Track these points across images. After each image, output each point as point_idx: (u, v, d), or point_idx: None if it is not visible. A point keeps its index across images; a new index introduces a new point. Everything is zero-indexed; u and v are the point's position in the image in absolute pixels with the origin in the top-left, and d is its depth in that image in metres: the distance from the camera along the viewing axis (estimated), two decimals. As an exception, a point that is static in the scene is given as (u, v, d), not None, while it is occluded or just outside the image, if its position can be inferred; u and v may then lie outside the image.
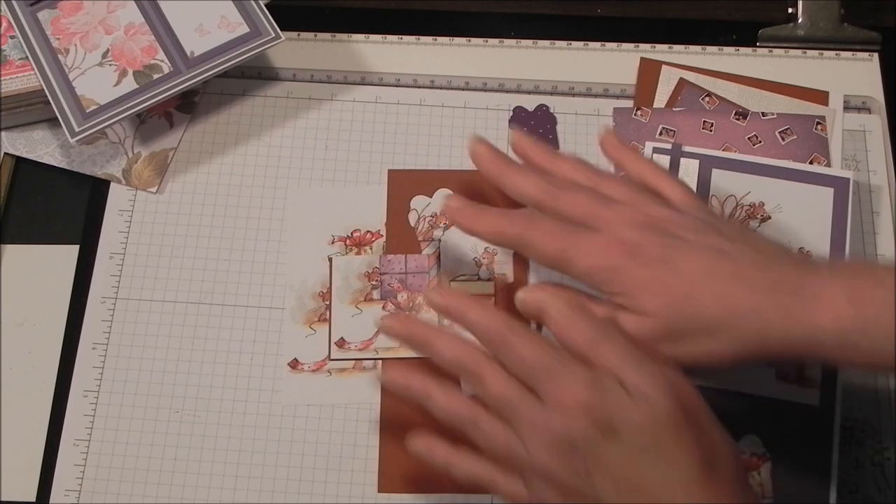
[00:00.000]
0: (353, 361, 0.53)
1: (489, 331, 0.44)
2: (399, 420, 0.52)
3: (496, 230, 0.47)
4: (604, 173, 0.49)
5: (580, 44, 0.62)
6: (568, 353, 0.43)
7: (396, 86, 0.61)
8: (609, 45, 0.62)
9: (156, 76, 0.56)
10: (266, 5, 0.57)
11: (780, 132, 0.58)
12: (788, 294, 0.41)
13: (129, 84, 0.55)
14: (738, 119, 0.58)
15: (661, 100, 0.59)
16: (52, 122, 0.58)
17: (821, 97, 0.59)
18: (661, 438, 0.40)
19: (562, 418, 0.41)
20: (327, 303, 0.55)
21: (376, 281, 0.55)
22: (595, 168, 0.49)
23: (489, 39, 0.62)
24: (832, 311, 0.40)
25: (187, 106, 0.60)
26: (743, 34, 0.62)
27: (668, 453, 0.40)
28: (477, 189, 0.57)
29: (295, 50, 0.61)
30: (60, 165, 0.58)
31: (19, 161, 0.59)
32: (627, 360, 0.42)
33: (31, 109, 0.58)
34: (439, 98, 0.60)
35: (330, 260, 0.56)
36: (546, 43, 0.62)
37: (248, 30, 0.56)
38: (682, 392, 0.42)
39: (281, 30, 0.56)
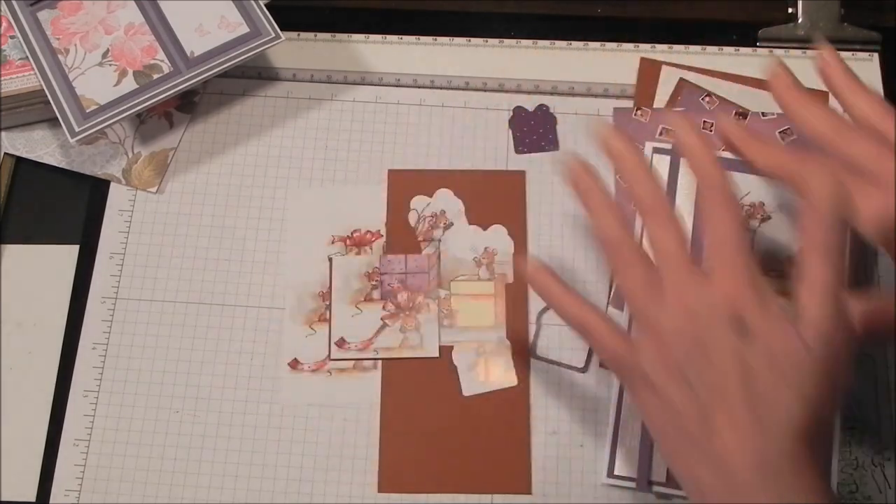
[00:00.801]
0: (353, 361, 0.53)
1: (712, 179, 0.43)
2: (399, 420, 0.52)
3: (775, 162, 0.44)
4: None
5: (580, 44, 0.62)
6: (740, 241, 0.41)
7: (396, 86, 0.61)
8: (609, 45, 0.62)
9: (156, 76, 0.56)
10: (266, 5, 0.57)
11: (780, 132, 0.58)
12: None
13: (129, 84, 0.55)
14: (738, 119, 0.58)
15: (661, 100, 0.59)
16: (52, 122, 0.58)
17: (821, 97, 0.59)
18: (787, 373, 0.39)
19: (707, 293, 0.40)
20: (327, 303, 0.55)
21: (376, 281, 0.55)
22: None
23: (489, 39, 0.62)
24: None
25: (187, 106, 0.60)
26: (743, 34, 0.62)
27: (790, 390, 0.38)
28: (479, 188, 0.57)
29: (295, 50, 0.61)
30: (60, 165, 0.58)
31: (19, 161, 0.59)
32: (827, 282, 0.40)
33: (31, 109, 0.58)
34: (439, 98, 0.60)
35: (330, 260, 0.56)
36: (546, 43, 0.62)
37: (248, 30, 0.56)
38: (838, 348, 0.40)
39: (281, 30, 0.56)
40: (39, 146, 0.59)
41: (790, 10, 0.63)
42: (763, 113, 0.58)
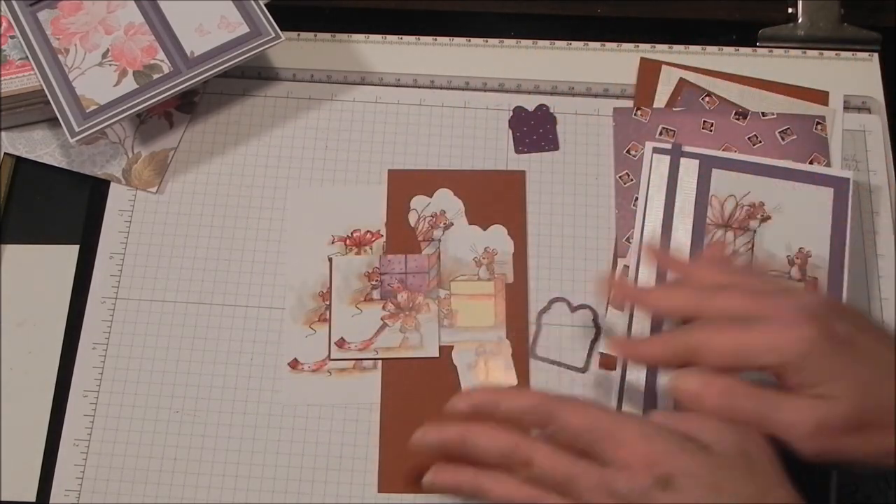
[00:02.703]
0: (353, 361, 0.53)
1: (531, 410, 0.43)
2: (399, 420, 0.52)
3: (661, 353, 0.46)
4: (746, 269, 0.48)
5: (580, 44, 0.62)
6: (615, 413, 0.42)
7: (396, 86, 0.61)
8: (609, 45, 0.62)
9: (156, 76, 0.56)
10: (266, 5, 0.57)
11: (780, 132, 0.58)
12: None
13: (129, 84, 0.55)
14: (738, 119, 0.58)
15: (661, 100, 0.59)
16: (52, 122, 0.58)
17: (821, 97, 0.59)
18: (720, 486, 0.39)
19: (626, 476, 0.40)
20: (327, 303, 0.55)
21: (376, 281, 0.55)
22: (736, 267, 0.48)
23: (489, 39, 0.62)
24: None
25: (187, 106, 0.60)
26: (743, 34, 0.62)
27: (727, 494, 0.39)
28: (479, 188, 0.57)
29: (295, 50, 0.61)
30: (60, 165, 0.58)
31: (19, 161, 0.59)
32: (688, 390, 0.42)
33: (31, 109, 0.58)
34: (439, 98, 0.60)
35: (330, 260, 0.56)
36: (546, 43, 0.62)
37: (248, 30, 0.56)
38: (746, 436, 0.41)
39: (281, 30, 0.56)
40: (39, 146, 0.59)
41: (790, 10, 0.63)
42: (763, 113, 0.58)
